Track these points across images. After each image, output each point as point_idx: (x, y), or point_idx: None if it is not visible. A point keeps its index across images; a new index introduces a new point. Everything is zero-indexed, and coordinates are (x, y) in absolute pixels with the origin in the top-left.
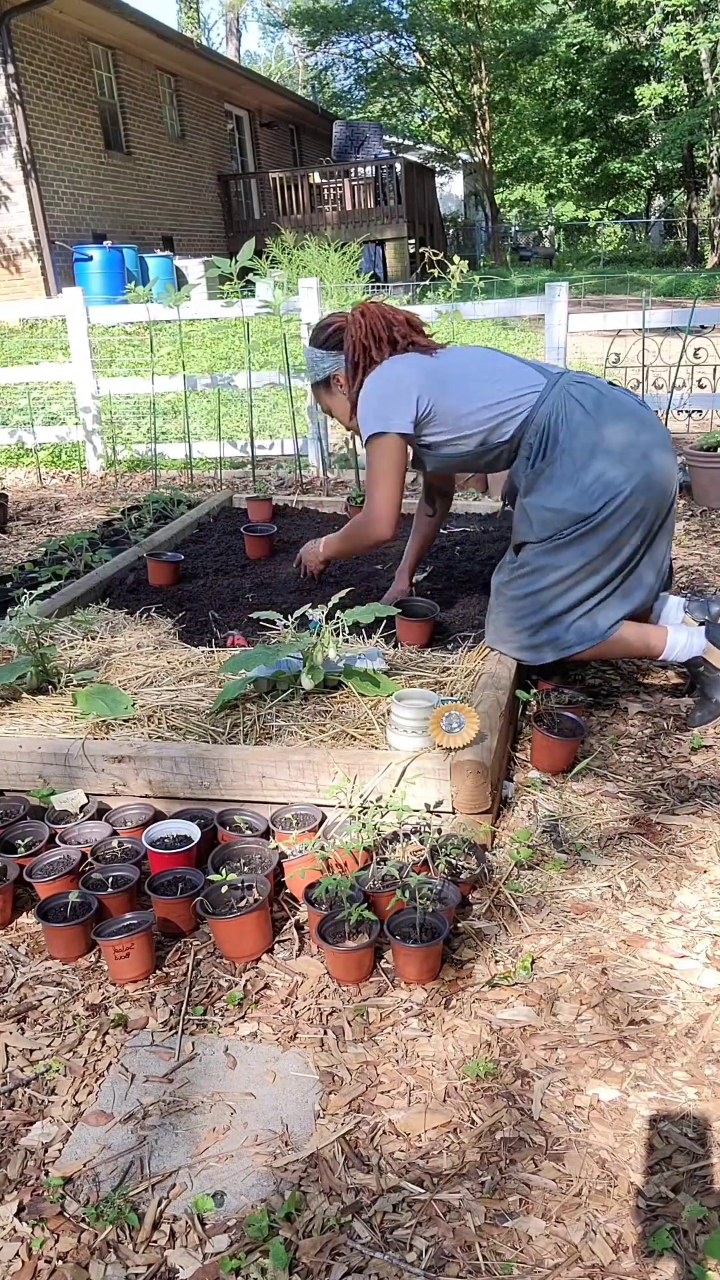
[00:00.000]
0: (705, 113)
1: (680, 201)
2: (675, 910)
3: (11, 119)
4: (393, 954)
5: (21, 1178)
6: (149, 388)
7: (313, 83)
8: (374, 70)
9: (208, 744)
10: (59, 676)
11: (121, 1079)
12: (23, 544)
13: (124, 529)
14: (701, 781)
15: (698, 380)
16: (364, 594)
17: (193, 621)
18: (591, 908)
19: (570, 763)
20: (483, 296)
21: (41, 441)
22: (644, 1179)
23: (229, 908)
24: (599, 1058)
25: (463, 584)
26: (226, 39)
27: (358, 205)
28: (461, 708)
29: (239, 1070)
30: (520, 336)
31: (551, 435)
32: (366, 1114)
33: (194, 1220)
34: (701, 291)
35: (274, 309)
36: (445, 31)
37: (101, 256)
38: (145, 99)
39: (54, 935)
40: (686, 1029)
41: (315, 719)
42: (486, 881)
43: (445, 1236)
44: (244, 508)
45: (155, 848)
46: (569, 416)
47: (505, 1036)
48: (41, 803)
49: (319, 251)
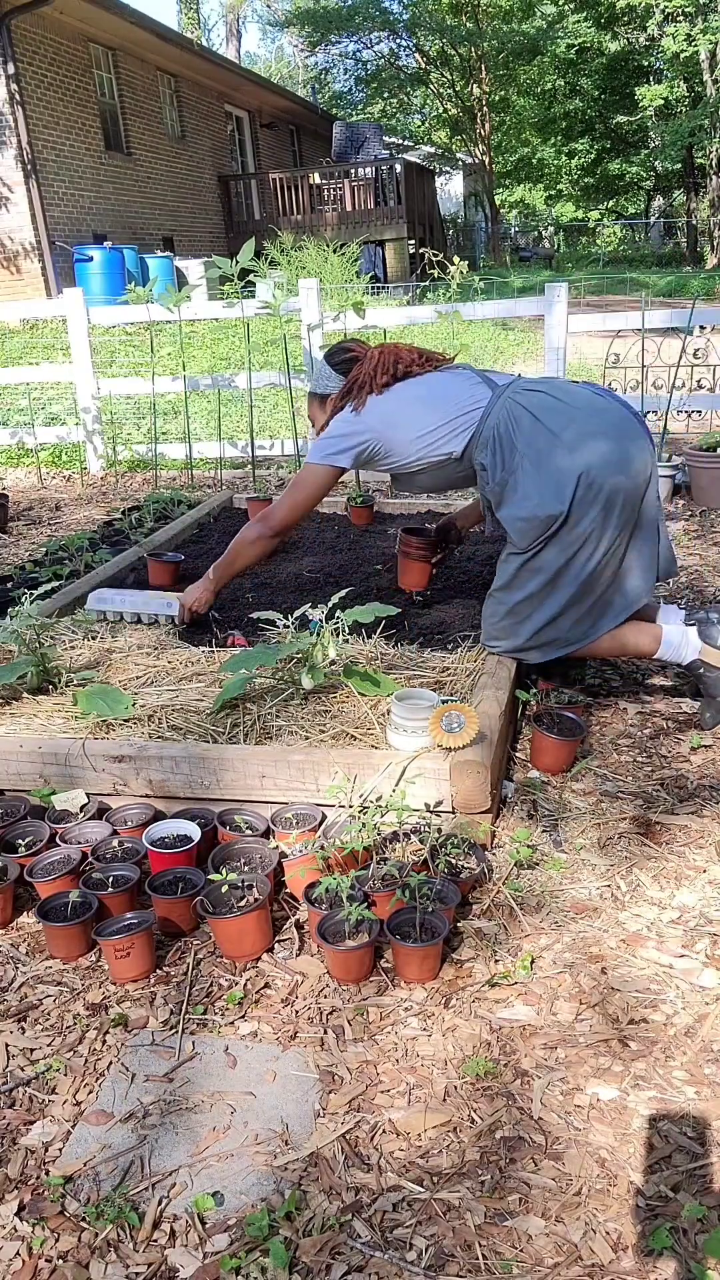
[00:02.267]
0: (705, 114)
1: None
2: (675, 910)
3: (12, 120)
4: (393, 953)
5: (22, 1177)
6: (149, 388)
7: (313, 83)
8: (374, 71)
9: (208, 744)
10: (59, 676)
11: (122, 1078)
12: (23, 544)
13: (124, 529)
14: (701, 781)
15: (697, 380)
16: (364, 594)
17: (192, 620)
18: (591, 907)
19: (570, 763)
20: (482, 297)
21: (42, 442)
22: (643, 1178)
23: (229, 907)
24: (598, 1057)
25: (462, 584)
26: (226, 40)
27: (358, 206)
28: (461, 708)
29: (239, 1070)
30: (520, 337)
31: (507, 445)
32: (366, 1113)
33: (194, 1219)
34: (701, 292)
35: (274, 310)
36: (445, 32)
37: (102, 257)
38: (145, 99)
39: (54, 935)
40: (686, 1028)
41: (315, 719)
42: (486, 881)
43: (445, 1235)
44: (244, 508)
45: (155, 847)
46: (518, 424)
47: (505, 1036)
48: (42, 802)
49: (319, 252)
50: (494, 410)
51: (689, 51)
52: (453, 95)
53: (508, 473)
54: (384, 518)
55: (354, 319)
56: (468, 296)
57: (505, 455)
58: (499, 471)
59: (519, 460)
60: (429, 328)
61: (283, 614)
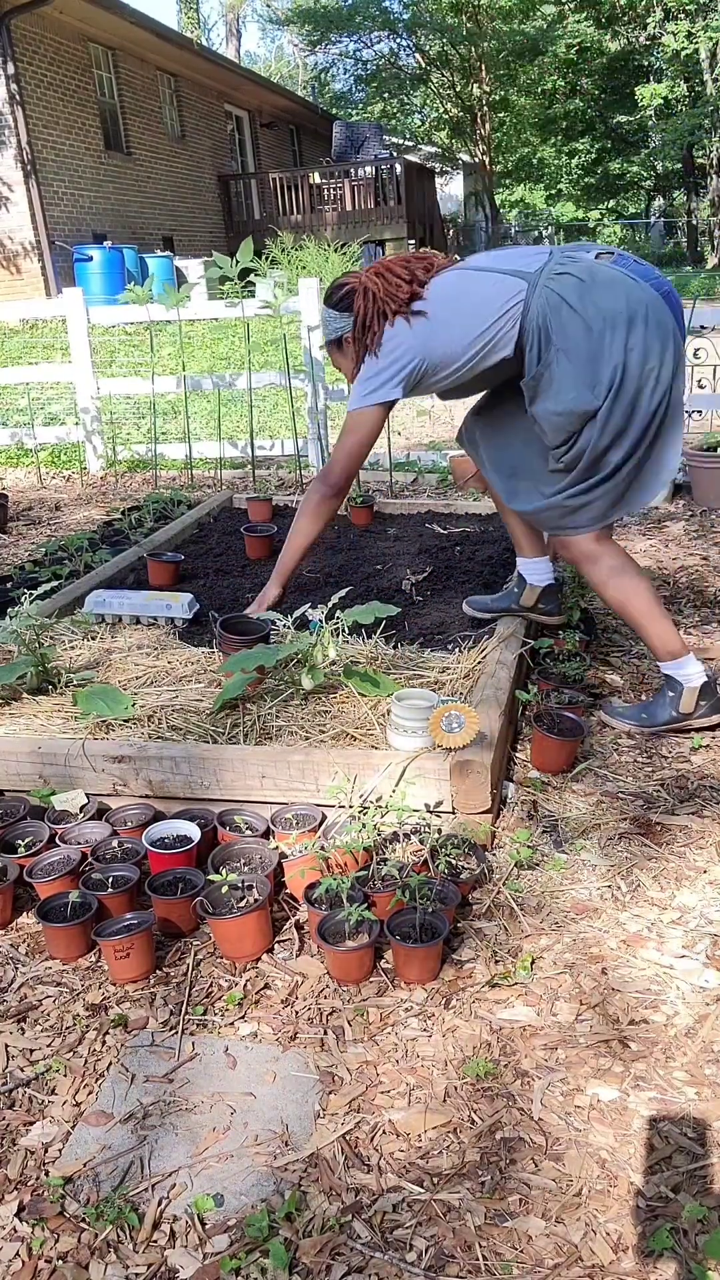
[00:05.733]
0: (705, 113)
1: (680, 202)
2: (675, 910)
3: (11, 119)
4: (393, 954)
5: (22, 1178)
6: (149, 388)
7: (313, 83)
8: (374, 71)
9: (208, 744)
10: (59, 676)
11: (121, 1079)
12: (23, 544)
13: (124, 529)
14: (701, 781)
15: (698, 380)
16: (364, 594)
17: (193, 621)
18: (591, 908)
19: (570, 763)
20: None
21: (41, 442)
22: (644, 1179)
23: (229, 908)
24: (599, 1058)
25: (463, 584)
26: (226, 39)
27: (358, 206)
28: (461, 708)
29: (239, 1070)
30: None
31: (545, 337)
32: (366, 1114)
33: (194, 1220)
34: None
35: (274, 310)
36: (445, 32)
37: (101, 257)
38: (145, 99)
39: (54, 935)
40: (686, 1029)
41: (315, 719)
42: (486, 881)
43: (445, 1236)
44: (244, 508)
45: (155, 848)
46: (556, 314)
47: (505, 1036)
48: (42, 803)
49: (319, 252)
50: (534, 302)
51: (689, 50)
52: (453, 95)
53: (544, 366)
54: (384, 518)
55: None
56: None
57: (542, 348)
58: (535, 365)
59: (555, 354)
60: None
61: (283, 614)
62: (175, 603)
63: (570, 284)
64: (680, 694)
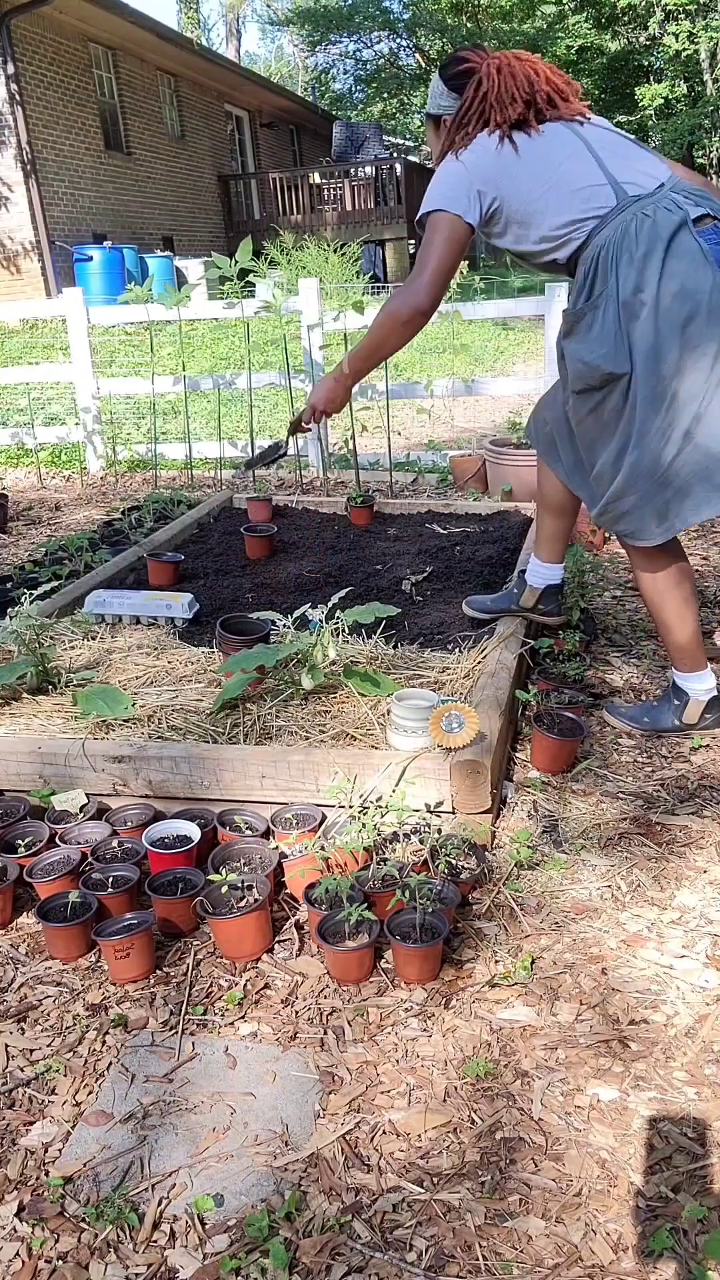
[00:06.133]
0: (705, 113)
1: None
2: (675, 910)
3: (11, 119)
4: (393, 954)
5: (21, 1178)
6: (149, 388)
7: (313, 83)
8: (374, 71)
9: (208, 744)
10: (59, 676)
11: (121, 1079)
12: (23, 544)
13: (124, 529)
14: (701, 781)
15: None
16: (364, 594)
17: (193, 621)
18: (591, 908)
19: (570, 763)
20: (482, 297)
21: (41, 442)
22: (644, 1179)
23: (229, 908)
24: (599, 1058)
25: (463, 584)
26: (226, 39)
27: (358, 206)
28: (461, 708)
29: (239, 1070)
30: (520, 336)
31: (600, 273)
32: (366, 1114)
33: (194, 1220)
34: None
35: (274, 309)
36: (445, 32)
37: (101, 257)
38: (145, 99)
39: (54, 935)
40: (686, 1029)
41: (315, 719)
42: (486, 881)
43: (445, 1236)
44: (244, 508)
45: (155, 848)
46: (619, 257)
47: (505, 1036)
48: (41, 803)
49: (319, 252)
50: (609, 225)
51: (689, 50)
52: None
53: (590, 305)
54: (384, 518)
55: (354, 318)
56: (468, 296)
57: (594, 283)
58: (581, 300)
59: (605, 299)
60: (429, 327)
61: (283, 614)
62: (175, 603)
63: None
64: (686, 705)
